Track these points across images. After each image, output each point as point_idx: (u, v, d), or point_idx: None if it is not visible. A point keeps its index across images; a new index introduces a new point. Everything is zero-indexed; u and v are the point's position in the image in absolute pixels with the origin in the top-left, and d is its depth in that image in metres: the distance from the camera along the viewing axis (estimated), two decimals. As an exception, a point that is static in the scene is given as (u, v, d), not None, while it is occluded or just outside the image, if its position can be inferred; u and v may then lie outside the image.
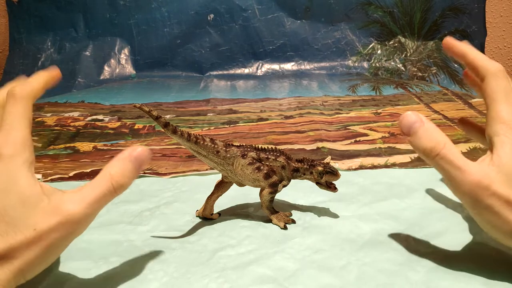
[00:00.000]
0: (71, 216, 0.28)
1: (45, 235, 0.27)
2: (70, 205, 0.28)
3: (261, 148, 0.42)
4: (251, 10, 1.13)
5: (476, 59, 0.35)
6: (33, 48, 1.14)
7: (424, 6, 1.13)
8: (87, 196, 0.29)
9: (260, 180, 0.41)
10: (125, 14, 1.13)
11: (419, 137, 0.32)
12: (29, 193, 0.28)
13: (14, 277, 0.27)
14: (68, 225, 0.28)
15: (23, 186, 0.28)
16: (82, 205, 0.29)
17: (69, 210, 0.28)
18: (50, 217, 0.28)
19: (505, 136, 0.31)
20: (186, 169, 0.56)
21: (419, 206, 0.45)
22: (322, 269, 0.35)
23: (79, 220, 0.29)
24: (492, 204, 0.30)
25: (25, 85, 0.32)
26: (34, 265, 0.28)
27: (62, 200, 0.29)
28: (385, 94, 0.94)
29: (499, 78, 0.33)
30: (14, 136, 0.29)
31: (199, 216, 0.44)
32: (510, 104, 0.32)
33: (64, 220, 0.28)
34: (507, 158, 0.30)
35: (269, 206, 0.42)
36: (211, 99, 0.92)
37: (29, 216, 0.27)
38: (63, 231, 0.28)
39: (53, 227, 0.28)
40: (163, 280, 0.34)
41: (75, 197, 0.29)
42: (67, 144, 0.67)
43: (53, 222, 0.28)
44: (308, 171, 0.42)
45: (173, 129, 0.38)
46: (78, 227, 0.29)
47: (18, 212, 0.27)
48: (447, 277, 0.34)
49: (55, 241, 0.28)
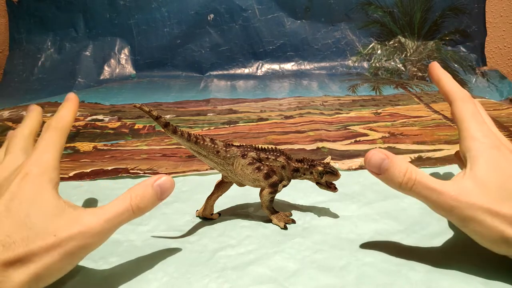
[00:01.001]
0: (90, 228, 0.30)
1: (64, 242, 0.29)
2: (91, 217, 0.30)
3: (261, 148, 0.42)
4: (251, 10, 1.13)
5: (447, 85, 0.39)
6: (33, 48, 1.14)
7: (424, 6, 1.13)
8: (107, 213, 0.31)
9: (260, 180, 0.41)
10: (125, 14, 1.13)
11: (392, 173, 0.33)
12: (52, 204, 0.30)
13: (29, 281, 0.28)
14: (87, 236, 0.30)
15: (47, 198, 0.30)
16: (102, 219, 0.31)
17: (89, 222, 0.30)
18: (70, 226, 0.30)
19: (477, 151, 0.33)
20: (186, 169, 0.56)
21: (419, 206, 0.45)
22: (322, 269, 0.35)
23: (97, 233, 0.30)
24: (474, 216, 0.31)
25: (60, 118, 0.37)
26: (50, 271, 0.29)
27: (84, 213, 0.31)
28: (385, 94, 0.94)
29: (466, 101, 0.37)
30: (44, 158, 0.33)
31: (199, 216, 0.44)
32: (477, 122, 0.35)
33: (84, 230, 0.30)
34: (481, 171, 0.32)
35: (269, 206, 0.42)
36: (211, 99, 0.92)
37: (50, 224, 0.29)
38: (82, 240, 0.30)
39: (73, 236, 0.29)
40: (163, 280, 0.34)
41: (96, 212, 0.31)
42: (67, 144, 0.67)
43: (73, 231, 0.29)
44: (308, 171, 0.42)
45: (173, 129, 0.38)
46: (95, 240, 0.31)
47: (41, 219, 0.29)
48: (447, 277, 0.34)
49: (73, 249, 0.29)
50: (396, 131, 0.70)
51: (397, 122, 0.74)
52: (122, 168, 0.57)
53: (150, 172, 0.55)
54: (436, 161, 0.57)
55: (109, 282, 0.34)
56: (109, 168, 0.57)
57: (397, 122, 0.74)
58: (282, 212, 0.43)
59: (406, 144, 0.64)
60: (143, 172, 0.55)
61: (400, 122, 0.74)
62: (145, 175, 0.55)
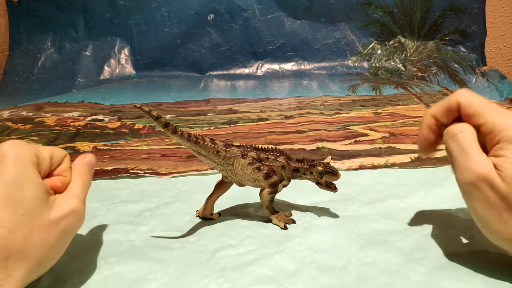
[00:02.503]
0: (76, 206, 0.33)
1: (57, 223, 0.31)
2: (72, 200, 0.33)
3: (261, 148, 0.42)
4: (251, 10, 1.13)
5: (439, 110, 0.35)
6: (33, 48, 1.14)
7: (424, 6, 1.13)
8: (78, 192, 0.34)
9: (260, 180, 0.41)
10: (125, 14, 1.13)
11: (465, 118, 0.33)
12: (41, 189, 0.31)
13: (31, 272, 0.29)
14: (75, 215, 0.32)
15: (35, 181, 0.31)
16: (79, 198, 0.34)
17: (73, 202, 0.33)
18: (61, 207, 0.32)
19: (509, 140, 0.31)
20: (186, 169, 0.56)
21: (419, 206, 0.45)
22: (322, 269, 0.35)
23: (81, 211, 0.33)
24: (489, 197, 0.31)
25: None
26: (49, 254, 0.30)
27: (65, 198, 0.33)
28: (385, 94, 0.94)
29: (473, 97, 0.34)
30: None
31: (199, 216, 0.44)
32: (500, 112, 0.33)
33: (72, 210, 0.32)
34: None
35: (269, 206, 0.42)
36: (211, 99, 0.92)
37: (42, 208, 0.30)
38: (72, 220, 0.32)
39: (64, 216, 0.31)
40: (163, 280, 0.34)
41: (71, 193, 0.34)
42: (67, 144, 0.67)
43: (65, 211, 0.32)
44: (308, 171, 0.42)
45: (173, 129, 0.38)
46: (82, 217, 0.34)
47: (32, 204, 0.30)
48: (447, 277, 0.34)
49: (66, 229, 0.32)
50: (396, 131, 0.70)
51: (397, 122, 0.74)
52: (122, 168, 0.57)
53: (150, 172, 0.55)
54: (436, 161, 0.57)
55: (109, 282, 0.34)
56: (109, 168, 0.57)
57: (397, 122, 0.74)
58: (282, 212, 0.43)
59: (406, 144, 0.64)
60: (143, 172, 0.55)
61: (400, 122, 0.74)
62: (145, 175, 0.55)
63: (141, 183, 0.53)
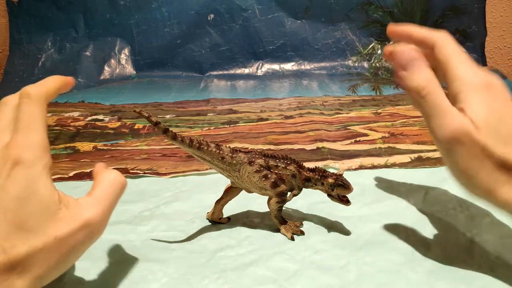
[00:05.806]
0: (91, 220, 0.29)
1: (65, 241, 0.28)
2: (89, 209, 0.29)
3: (270, 155, 0.40)
4: (251, 10, 1.13)
5: (421, 33, 0.36)
6: (33, 48, 1.14)
7: (424, 6, 1.13)
8: (102, 200, 0.30)
9: (267, 188, 0.39)
10: (125, 14, 1.13)
11: (415, 73, 0.32)
12: (49, 202, 0.28)
13: (34, 284, 0.27)
14: (89, 229, 0.29)
15: (43, 194, 0.28)
16: (99, 208, 0.30)
17: (88, 215, 0.29)
18: (70, 222, 0.28)
19: (469, 91, 0.32)
20: (186, 169, 0.56)
21: (419, 206, 0.45)
22: (322, 270, 0.35)
23: (98, 222, 0.30)
24: (468, 150, 0.30)
25: (40, 86, 0.32)
26: (53, 270, 0.28)
27: (80, 207, 0.29)
28: (385, 94, 0.94)
29: (448, 42, 0.35)
30: (33, 139, 0.29)
31: (208, 219, 0.44)
32: (464, 63, 0.33)
33: (85, 224, 0.29)
34: (478, 109, 0.31)
35: (277, 216, 0.40)
36: (211, 99, 0.92)
37: (50, 223, 0.28)
38: (83, 236, 0.29)
39: (73, 233, 0.28)
40: (163, 280, 0.34)
41: (91, 202, 0.30)
42: (67, 144, 0.67)
43: (73, 228, 0.28)
44: (319, 181, 0.40)
45: (172, 135, 0.37)
46: (98, 229, 0.30)
47: (38, 220, 0.27)
48: (447, 277, 0.34)
49: (75, 246, 0.28)
50: (396, 131, 0.70)
51: (397, 122, 0.74)
52: (122, 168, 0.57)
53: (150, 172, 0.55)
54: (436, 161, 0.57)
55: (109, 283, 0.34)
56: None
57: (397, 122, 0.74)
58: (292, 222, 0.41)
59: (406, 144, 0.64)
60: (143, 172, 0.55)
61: (400, 122, 0.74)
62: (145, 175, 0.55)
63: (141, 183, 0.52)
